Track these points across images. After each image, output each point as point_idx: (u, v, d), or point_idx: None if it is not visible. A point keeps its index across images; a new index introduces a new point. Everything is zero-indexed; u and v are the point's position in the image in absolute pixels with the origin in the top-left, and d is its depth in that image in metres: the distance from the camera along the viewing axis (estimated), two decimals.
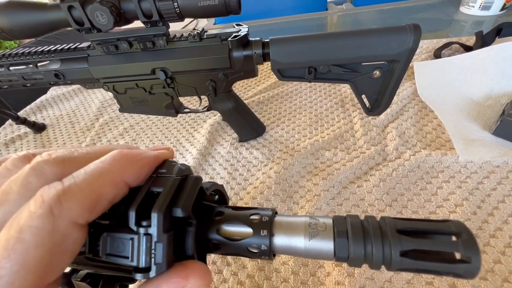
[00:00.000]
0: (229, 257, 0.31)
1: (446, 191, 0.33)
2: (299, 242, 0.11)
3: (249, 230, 0.12)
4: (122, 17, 0.32)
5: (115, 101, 0.64)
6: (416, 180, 0.35)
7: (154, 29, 0.33)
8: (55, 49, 0.37)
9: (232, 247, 0.12)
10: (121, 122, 0.57)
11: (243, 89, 0.60)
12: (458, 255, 0.10)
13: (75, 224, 0.11)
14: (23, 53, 0.38)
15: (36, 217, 0.10)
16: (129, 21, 0.33)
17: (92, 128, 0.58)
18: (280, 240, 0.12)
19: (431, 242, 0.10)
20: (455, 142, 0.37)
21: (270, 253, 0.12)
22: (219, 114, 0.51)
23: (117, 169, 0.12)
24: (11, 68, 0.39)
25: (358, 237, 0.11)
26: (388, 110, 0.44)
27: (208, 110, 0.42)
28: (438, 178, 0.34)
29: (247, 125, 0.44)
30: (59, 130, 0.59)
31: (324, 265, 0.29)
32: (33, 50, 0.37)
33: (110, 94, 0.67)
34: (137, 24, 0.34)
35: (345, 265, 0.28)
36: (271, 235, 0.12)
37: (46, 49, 0.37)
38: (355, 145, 0.41)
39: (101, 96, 0.67)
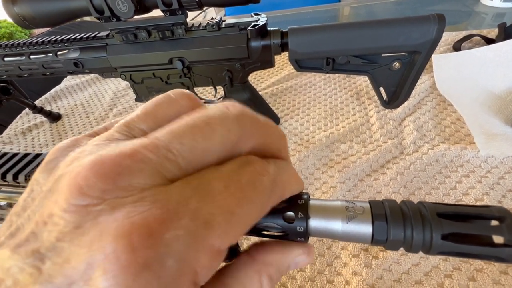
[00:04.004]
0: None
1: (466, 185, 0.32)
2: (336, 225, 0.12)
3: None
4: (142, 6, 0.32)
5: (128, 91, 0.64)
6: (434, 174, 0.34)
7: (173, 18, 0.33)
8: (75, 38, 0.38)
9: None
10: None
11: (256, 81, 0.59)
12: (500, 239, 0.10)
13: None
14: (43, 41, 0.38)
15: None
16: (148, 10, 0.33)
17: (106, 118, 0.58)
18: (316, 222, 0.12)
19: (473, 225, 0.10)
20: (476, 136, 0.36)
21: (306, 235, 0.12)
22: None
23: None
24: (31, 56, 0.39)
25: (397, 220, 0.11)
26: (405, 103, 0.43)
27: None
28: (457, 172, 0.34)
29: None
30: (74, 120, 0.60)
31: (340, 255, 0.29)
32: (53, 39, 0.38)
33: (123, 85, 0.68)
34: (156, 13, 0.34)
35: (362, 255, 0.28)
36: (307, 217, 0.12)
37: (66, 38, 0.38)
38: (371, 138, 0.41)
39: (114, 87, 0.68)
